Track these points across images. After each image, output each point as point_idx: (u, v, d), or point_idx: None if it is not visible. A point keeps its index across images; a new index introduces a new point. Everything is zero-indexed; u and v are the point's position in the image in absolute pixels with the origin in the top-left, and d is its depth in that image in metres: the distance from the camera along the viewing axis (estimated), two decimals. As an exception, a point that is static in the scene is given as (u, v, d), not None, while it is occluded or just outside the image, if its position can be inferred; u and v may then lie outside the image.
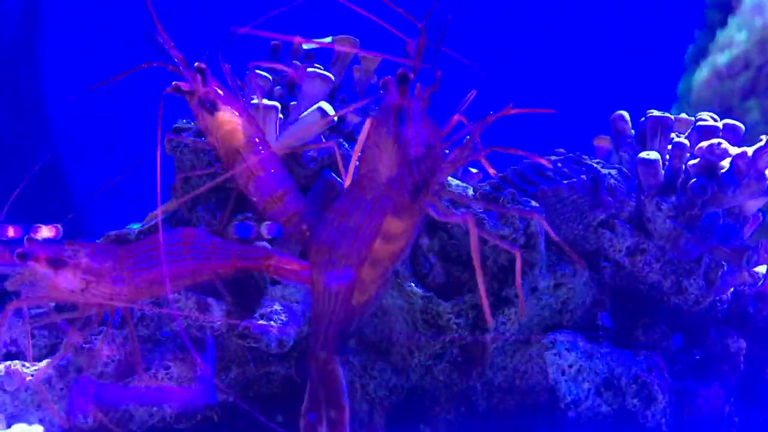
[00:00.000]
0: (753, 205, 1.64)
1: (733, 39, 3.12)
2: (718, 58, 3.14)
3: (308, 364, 1.19)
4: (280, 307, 1.45)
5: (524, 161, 1.64)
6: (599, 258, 1.65)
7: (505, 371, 1.57)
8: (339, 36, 1.78)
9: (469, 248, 1.22)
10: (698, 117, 1.71)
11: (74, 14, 5.51)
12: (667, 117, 1.68)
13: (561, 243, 1.45)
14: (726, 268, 1.68)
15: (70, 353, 1.47)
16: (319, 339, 1.19)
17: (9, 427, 1.41)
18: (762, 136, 1.54)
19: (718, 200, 1.58)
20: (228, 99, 1.55)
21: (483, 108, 1.25)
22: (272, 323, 1.42)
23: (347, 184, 1.47)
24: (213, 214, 1.62)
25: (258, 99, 1.61)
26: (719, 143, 1.55)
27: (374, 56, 1.76)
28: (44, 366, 1.44)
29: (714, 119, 1.69)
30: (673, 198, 1.60)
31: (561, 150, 1.72)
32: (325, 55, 1.82)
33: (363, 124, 1.73)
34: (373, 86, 1.88)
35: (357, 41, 1.78)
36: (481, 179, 1.95)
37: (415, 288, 1.49)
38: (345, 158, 1.64)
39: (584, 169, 1.62)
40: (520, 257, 1.32)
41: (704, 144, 1.56)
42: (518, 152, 1.26)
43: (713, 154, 1.55)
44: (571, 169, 1.62)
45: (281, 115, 1.66)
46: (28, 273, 1.33)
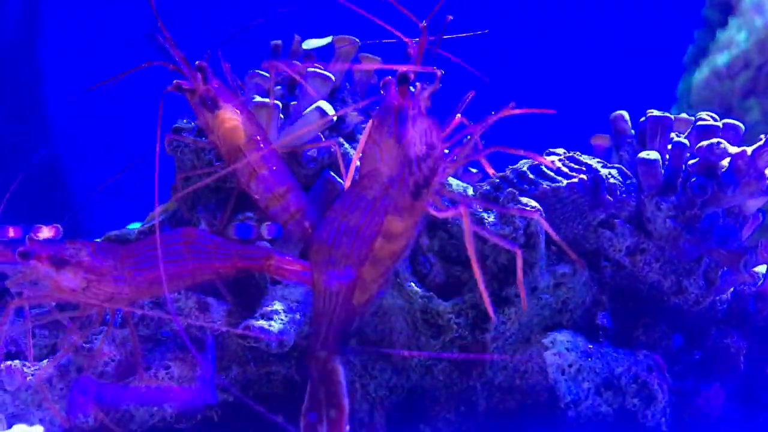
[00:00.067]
0: (753, 205, 1.64)
1: (733, 39, 3.12)
2: (718, 58, 3.15)
3: (309, 364, 1.18)
4: (281, 307, 1.45)
5: (524, 161, 1.64)
6: (599, 258, 1.65)
7: (506, 371, 1.58)
8: (339, 36, 1.78)
9: (466, 245, 1.22)
10: (698, 117, 1.71)
11: (74, 14, 5.51)
12: (667, 117, 1.68)
13: (561, 243, 1.45)
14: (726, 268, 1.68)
15: (71, 353, 1.47)
16: (320, 338, 1.18)
17: (9, 427, 1.41)
18: (761, 136, 1.55)
19: (718, 200, 1.58)
20: (229, 97, 1.55)
21: (484, 108, 1.25)
22: (272, 323, 1.42)
23: (347, 185, 1.47)
24: (213, 214, 1.62)
25: (258, 98, 1.61)
26: (719, 143, 1.55)
27: (374, 58, 1.76)
28: (46, 365, 1.44)
29: (714, 119, 1.69)
30: (673, 198, 1.60)
31: (561, 150, 1.72)
32: (326, 56, 1.82)
33: (363, 124, 1.74)
34: (374, 86, 1.87)
35: (357, 41, 1.78)
36: (481, 179, 1.95)
37: (415, 288, 1.49)
38: (345, 158, 1.64)
39: (584, 169, 1.62)
40: (521, 255, 1.32)
41: (704, 143, 1.56)
42: (519, 152, 1.25)
43: (713, 154, 1.55)
44: (571, 169, 1.62)
45: (281, 115, 1.66)
46: (30, 272, 1.33)
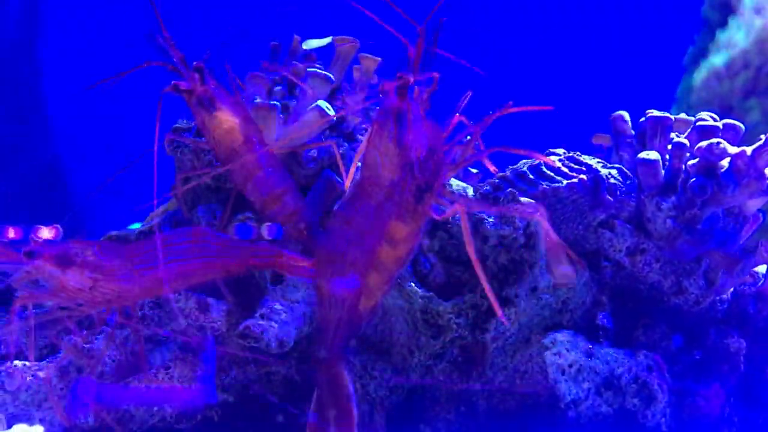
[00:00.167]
0: (753, 205, 1.64)
1: (733, 39, 3.12)
2: (718, 59, 3.14)
3: (316, 371, 1.18)
4: (281, 307, 1.45)
5: (524, 161, 1.64)
6: (599, 258, 1.65)
7: (506, 371, 1.58)
8: (339, 36, 1.78)
9: (466, 245, 1.21)
10: (698, 117, 1.71)
11: (74, 14, 5.51)
12: (667, 117, 1.68)
13: (561, 243, 1.45)
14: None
15: (71, 353, 1.46)
16: (327, 345, 1.18)
17: (9, 427, 1.41)
18: (761, 136, 1.55)
19: (718, 200, 1.58)
20: (226, 98, 1.54)
21: (484, 108, 1.25)
22: (272, 323, 1.42)
23: (347, 185, 1.47)
24: (213, 214, 1.62)
25: (259, 99, 1.61)
26: (718, 143, 1.55)
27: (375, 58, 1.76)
28: (50, 365, 1.44)
29: (713, 119, 1.69)
30: (673, 198, 1.60)
31: (561, 150, 1.72)
32: (326, 56, 1.82)
33: (363, 124, 1.74)
34: (374, 86, 1.87)
35: (357, 42, 1.78)
36: (481, 179, 1.95)
37: (416, 288, 1.49)
38: (345, 158, 1.64)
39: (584, 169, 1.62)
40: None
41: (703, 144, 1.56)
42: (520, 152, 1.25)
43: (712, 154, 1.55)
44: (571, 169, 1.62)
45: (282, 115, 1.66)
46: (36, 272, 1.32)
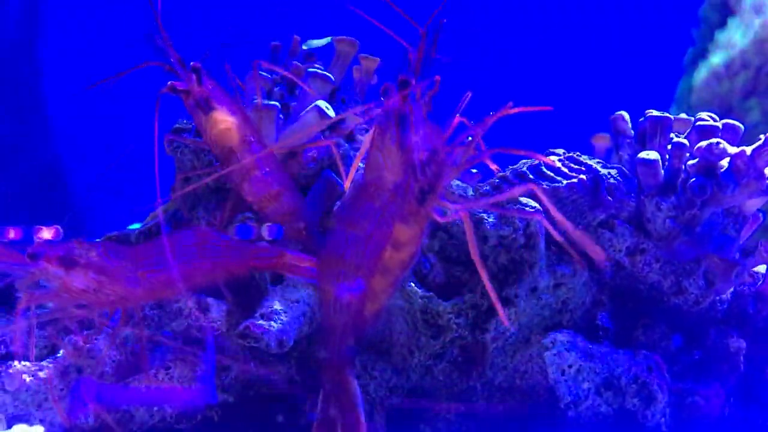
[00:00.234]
0: (752, 205, 1.65)
1: (732, 40, 3.12)
2: (717, 59, 3.15)
3: (322, 377, 1.18)
4: (281, 307, 1.45)
5: (524, 161, 1.64)
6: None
7: (506, 371, 1.58)
8: (339, 36, 1.78)
9: (469, 248, 1.21)
10: (697, 117, 1.71)
11: (74, 14, 5.51)
12: (667, 117, 1.68)
13: (563, 243, 1.45)
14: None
15: (72, 354, 1.46)
16: (332, 350, 1.18)
17: (9, 428, 1.41)
18: (761, 136, 1.55)
19: (718, 200, 1.58)
20: (223, 98, 1.54)
21: (484, 109, 1.25)
22: (272, 323, 1.42)
23: (347, 186, 1.47)
24: (213, 215, 1.62)
25: (259, 99, 1.61)
26: (718, 143, 1.55)
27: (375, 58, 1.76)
28: (50, 365, 1.44)
29: (713, 119, 1.69)
30: (673, 198, 1.60)
31: (561, 150, 1.72)
32: (326, 56, 1.82)
33: (363, 125, 1.74)
34: (374, 87, 1.87)
35: (357, 42, 1.78)
36: (481, 179, 1.95)
37: (415, 288, 1.49)
38: (345, 158, 1.64)
39: (584, 169, 1.62)
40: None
41: (703, 144, 1.57)
42: (520, 152, 1.25)
43: (712, 154, 1.55)
44: (571, 169, 1.62)
45: (282, 116, 1.66)
46: (39, 273, 1.31)
